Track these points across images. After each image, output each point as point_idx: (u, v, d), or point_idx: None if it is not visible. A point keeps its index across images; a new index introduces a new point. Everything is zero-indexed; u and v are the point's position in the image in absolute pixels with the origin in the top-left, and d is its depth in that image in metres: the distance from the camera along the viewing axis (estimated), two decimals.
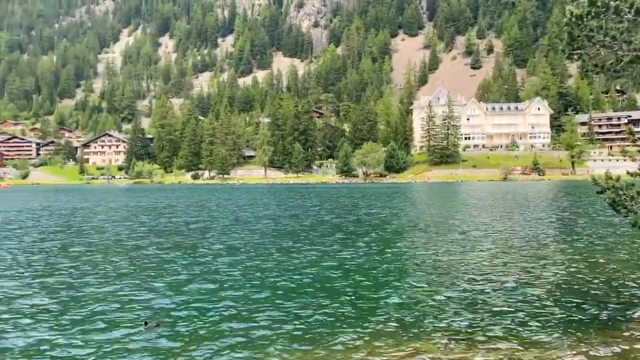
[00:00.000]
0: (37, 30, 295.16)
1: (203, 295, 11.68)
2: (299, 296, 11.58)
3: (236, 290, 12.16)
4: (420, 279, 13.16)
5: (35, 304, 11.08)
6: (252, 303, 10.99)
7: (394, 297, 11.38)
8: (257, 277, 13.55)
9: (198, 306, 10.80)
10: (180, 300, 11.25)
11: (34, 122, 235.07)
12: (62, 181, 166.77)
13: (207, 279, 13.35)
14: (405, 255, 16.93)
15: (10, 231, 25.72)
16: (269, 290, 12.07)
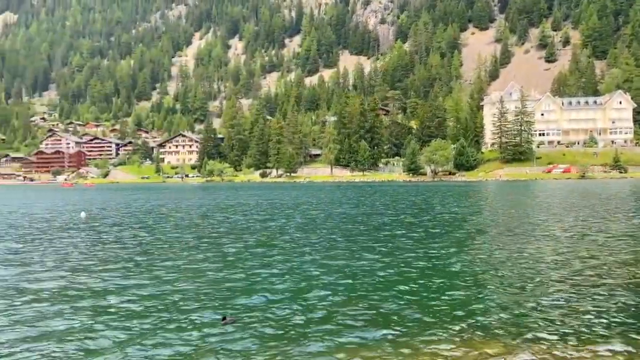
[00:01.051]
0: (115, 36, 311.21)
1: (282, 294, 11.72)
2: (380, 297, 11.37)
3: (314, 289, 12.10)
4: (507, 282, 12.61)
5: (115, 297, 11.54)
6: (330, 302, 10.92)
7: (482, 299, 10.96)
8: (335, 277, 13.43)
9: (276, 304, 10.84)
10: (258, 297, 11.35)
11: (113, 124, 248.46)
12: (140, 179, 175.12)
13: (286, 277, 13.38)
14: (490, 257, 16.27)
15: (93, 227, 27.12)
16: (347, 290, 11.95)
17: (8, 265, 15.68)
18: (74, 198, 63.72)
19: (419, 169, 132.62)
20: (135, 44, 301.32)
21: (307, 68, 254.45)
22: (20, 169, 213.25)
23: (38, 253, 17.96)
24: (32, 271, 14.56)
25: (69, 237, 22.69)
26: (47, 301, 11.23)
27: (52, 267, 15.27)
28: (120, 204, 49.13)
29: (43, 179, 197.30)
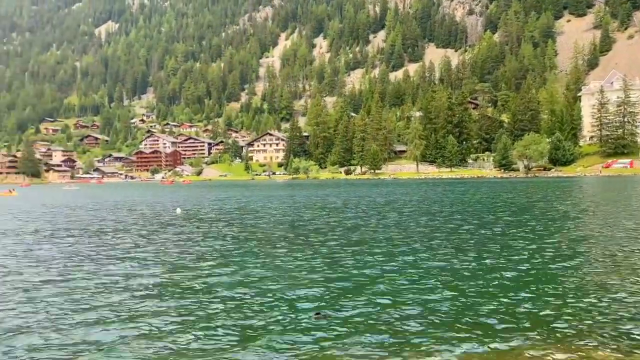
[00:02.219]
0: (207, 39, 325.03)
1: (381, 294, 11.42)
2: (485, 299, 10.77)
3: (414, 288, 11.70)
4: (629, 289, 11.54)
5: (206, 291, 11.78)
6: (429, 303, 10.49)
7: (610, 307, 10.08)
8: (437, 278, 12.89)
9: (373, 303, 10.58)
10: (355, 295, 11.14)
11: (206, 124, 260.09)
12: (230, 177, 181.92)
13: (385, 276, 13.05)
14: (610, 260, 15.05)
15: (189, 223, 28.25)
16: (449, 291, 11.44)
17: (107, 260, 16.58)
18: (172, 194, 67.24)
19: (511, 164, 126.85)
20: (225, 46, 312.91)
21: (392, 63, 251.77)
22: (122, 168, 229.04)
23: (135, 248, 18.90)
24: (129, 267, 15.29)
25: (164, 232, 23.76)
26: (145, 297, 11.66)
27: (149, 263, 15.92)
28: (213, 200, 51.08)
29: (143, 177, 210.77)
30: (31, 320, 9.68)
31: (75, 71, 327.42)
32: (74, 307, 10.51)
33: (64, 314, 10.04)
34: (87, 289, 12.02)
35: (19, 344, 8.37)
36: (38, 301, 10.99)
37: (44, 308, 10.45)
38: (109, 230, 24.52)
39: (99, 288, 12.16)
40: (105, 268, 14.63)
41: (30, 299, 11.23)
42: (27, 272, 14.28)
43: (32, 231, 25.00)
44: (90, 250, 18.19)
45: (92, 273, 13.93)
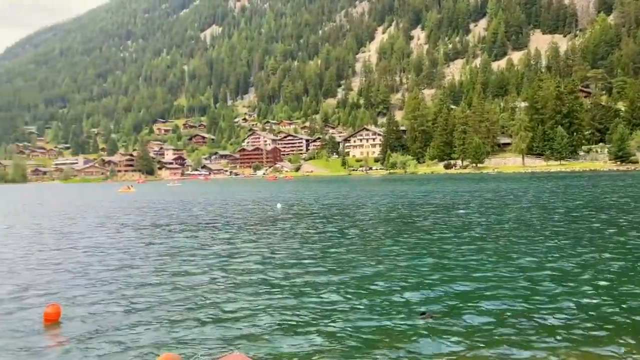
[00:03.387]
0: (304, 38, 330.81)
1: (490, 298, 10.92)
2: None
3: (533, 289, 11.07)
4: None
5: (309, 287, 11.85)
6: (555, 306, 9.84)
7: None
8: (558, 280, 12.11)
9: (482, 303, 10.12)
10: (465, 295, 10.73)
11: (303, 121, 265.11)
12: (327, 172, 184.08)
13: (500, 276, 12.50)
14: None
15: (289, 218, 28.83)
16: (573, 294, 10.67)
17: (210, 254, 17.27)
18: (275, 190, 69.29)
19: (629, 156, 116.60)
20: (322, 43, 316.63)
21: (494, 52, 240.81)
22: (227, 165, 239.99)
23: (238, 242, 19.57)
24: (232, 262, 15.81)
25: (264, 227, 24.41)
26: (251, 294, 11.98)
27: (255, 259, 16.37)
28: (313, 195, 51.87)
29: (245, 173, 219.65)
30: (151, 312, 10.27)
31: (184, 74, 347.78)
32: (191, 302, 11.02)
33: (180, 307, 10.56)
34: (202, 285, 12.58)
35: (142, 336, 8.88)
36: (152, 294, 11.67)
37: (162, 300, 11.05)
38: (218, 225, 25.65)
39: (214, 283, 12.68)
40: (215, 262, 15.25)
41: (147, 293, 11.95)
42: (144, 265, 15.24)
43: (149, 225, 26.79)
44: (201, 244, 19.08)
45: (202, 267, 14.57)
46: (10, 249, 19.62)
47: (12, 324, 9.66)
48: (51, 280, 13.44)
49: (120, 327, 9.30)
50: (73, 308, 10.57)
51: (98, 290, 12.11)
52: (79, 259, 16.52)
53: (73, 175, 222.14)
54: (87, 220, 31.20)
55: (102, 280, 13.16)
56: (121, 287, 12.35)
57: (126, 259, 16.22)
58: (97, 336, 8.87)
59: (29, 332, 9.20)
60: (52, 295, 11.64)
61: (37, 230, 26.60)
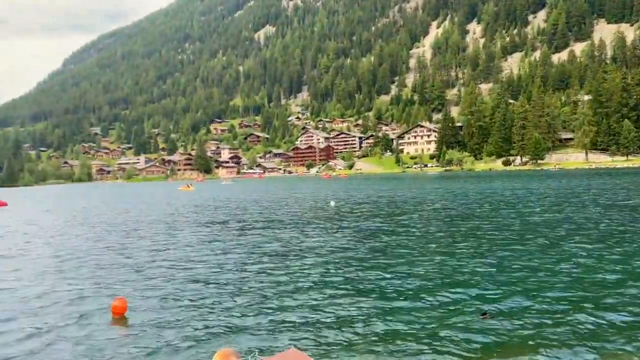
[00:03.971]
0: (357, 35, 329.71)
1: (557, 298, 10.55)
2: None
3: (596, 289, 10.63)
4: None
5: (365, 284, 11.80)
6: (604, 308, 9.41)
7: None
8: (629, 283, 11.58)
9: (544, 304, 9.79)
10: (527, 295, 10.42)
11: (356, 119, 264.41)
12: (381, 170, 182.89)
13: (564, 277, 12.08)
14: None
15: (342, 216, 28.83)
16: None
17: (267, 251, 17.49)
18: (328, 187, 69.57)
19: None
20: (375, 40, 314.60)
21: (555, 44, 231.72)
22: (280, 163, 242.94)
23: (294, 239, 19.75)
24: (287, 259, 15.96)
25: (318, 224, 24.52)
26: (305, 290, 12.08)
27: (307, 256, 16.47)
28: (366, 192, 51.69)
29: (299, 171, 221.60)
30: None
31: (239, 75, 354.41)
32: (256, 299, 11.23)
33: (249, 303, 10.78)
34: (260, 281, 12.80)
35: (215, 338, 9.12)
36: (212, 290, 11.98)
37: (222, 296, 11.33)
38: (274, 221, 26.01)
39: (272, 280, 12.87)
40: (272, 259, 15.47)
41: (208, 289, 12.28)
42: (206, 261, 15.65)
43: (209, 222, 27.50)
44: (258, 241, 19.40)
45: (260, 264, 14.81)
46: (81, 243, 20.63)
47: (82, 317, 10.15)
48: (118, 274, 14.04)
49: (182, 321, 9.59)
50: (138, 302, 11.00)
51: (162, 285, 12.54)
52: (144, 254, 17.16)
53: (135, 175, 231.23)
54: (151, 218, 32.37)
55: (166, 275, 13.62)
56: (184, 282, 12.73)
57: (189, 255, 16.71)
58: (160, 329, 9.19)
59: (98, 324, 9.64)
60: (119, 289, 12.16)
61: (105, 227, 27.84)
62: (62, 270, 14.96)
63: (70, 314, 10.36)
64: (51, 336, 9.04)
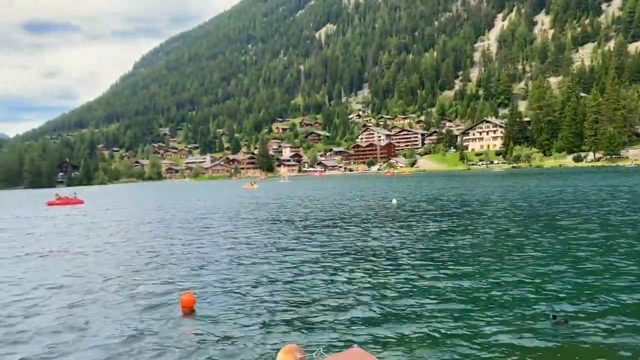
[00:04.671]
0: (419, 30, 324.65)
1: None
2: None
3: None
4: None
5: (428, 283, 11.56)
6: None
7: None
8: None
9: (622, 309, 9.26)
10: (604, 299, 9.90)
11: (419, 115, 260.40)
12: (444, 167, 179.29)
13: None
14: None
15: (405, 214, 28.45)
16: None
17: (332, 249, 17.49)
18: (390, 185, 68.99)
19: None
20: (438, 35, 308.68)
21: (631, 33, 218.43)
22: (341, 161, 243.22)
23: (355, 238, 19.68)
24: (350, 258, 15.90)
25: (379, 222, 24.31)
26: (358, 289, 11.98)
27: (370, 255, 16.37)
28: (430, 190, 50.81)
29: (360, 169, 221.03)
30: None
31: (300, 74, 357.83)
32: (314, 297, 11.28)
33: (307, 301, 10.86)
34: (325, 279, 12.84)
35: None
36: (278, 287, 12.13)
37: (288, 293, 11.45)
38: (336, 219, 26.06)
39: (336, 278, 12.89)
40: (336, 257, 15.49)
41: (274, 286, 12.45)
42: (271, 258, 15.89)
43: (274, 219, 27.93)
44: (322, 238, 19.48)
45: (324, 261, 14.85)
46: (153, 239, 21.50)
47: (153, 310, 10.55)
48: (188, 269, 14.51)
49: (248, 316, 9.77)
50: (206, 296, 11.31)
51: (229, 281, 12.85)
52: (213, 251, 17.65)
53: (201, 173, 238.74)
54: (220, 215, 33.27)
55: (234, 271, 13.94)
56: (250, 279, 12.97)
57: (256, 252, 17.02)
58: (227, 324, 9.40)
59: (168, 318, 9.99)
60: (188, 284, 12.56)
61: (176, 224, 28.88)
62: (134, 265, 15.63)
63: (142, 306, 10.80)
64: (122, 328, 9.44)
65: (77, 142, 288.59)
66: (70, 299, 11.62)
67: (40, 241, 22.91)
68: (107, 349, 8.49)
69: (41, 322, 9.99)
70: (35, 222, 34.32)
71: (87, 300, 11.47)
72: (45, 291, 12.55)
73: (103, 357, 8.15)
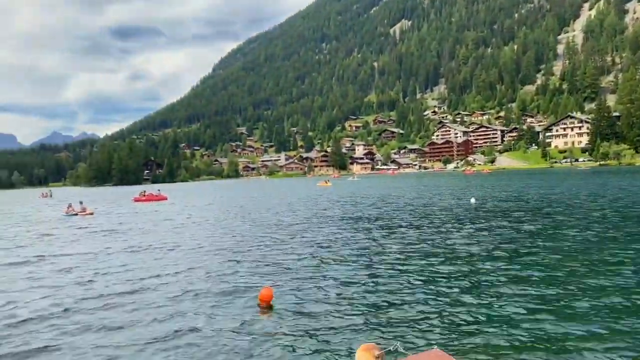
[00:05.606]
0: (498, 23, 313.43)
1: None
2: None
3: None
4: None
5: (511, 284, 11.04)
6: None
7: None
8: None
9: None
10: None
11: (498, 111, 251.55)
12: (525, 165, 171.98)
13: None
14: None
15: (485, 215, 27.49)
16: None
17: (410, 249, 17.19)
18: (469, 184, 67.12)
19: None
20: (518, 27, 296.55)
21: None
22: (415, 159, 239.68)
23: (433, 238, 19.24)
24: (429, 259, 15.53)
25: (457, 222, 23.61)
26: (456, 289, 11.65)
27: (448, 254, 15.95)
28: (511, 188, 48.88)
29: (435, 167, 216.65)
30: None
31: (374, 71, 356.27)
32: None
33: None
34: (403, 279, 12.64)
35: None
36: (356, 286, 12.05)
37: (364, 293, 11.36)
38: (412, 218, 25.65)
39: (414, 277, 12.65)
40: (412, 256, 15.21)
41: (352, 284, 12.40)
42: (351, 257, 15.86)
43: (351, 217, 27.92)
44: (399, 238, 19.22)
45: (401, 261, 14.62)
46: (231, 235, 22.12)
47: (231, 304, 10.78)
48: (266, 265, 14.75)
49: (325, 314, 9.75)
50: (284, 292, 11.43)
51: (307, 278, 12.91)
52: (293, 248, 17.83)
53: (276, 171, 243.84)
54: (299, 212, 33.71)
55: (312, 269, 14.00)
56: (328, 276, 12.97)
57: (335, 251, 17.00)
58: (304, 320, 9.43)
59: (246, 313, 10.17)
60: (266, 280, 12.76)
61: (255, 220, 29.58)
62: (213, 259, 16.11)
63: (220, 301, 11.07)
64: (200, 322, 9.69)
65: (161, 142, 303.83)
66: (157, 294, 12.09)
67: (127, 237, 24.19)
68: (181, 340, 8.72)
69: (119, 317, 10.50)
70: (126, 219, 36.31)
71: (164, 295, 11.90)
72: (125, 286, 13.15)
73: (180, 348, 8.39)
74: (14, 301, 11.59)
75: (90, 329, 9.51)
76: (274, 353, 8.01)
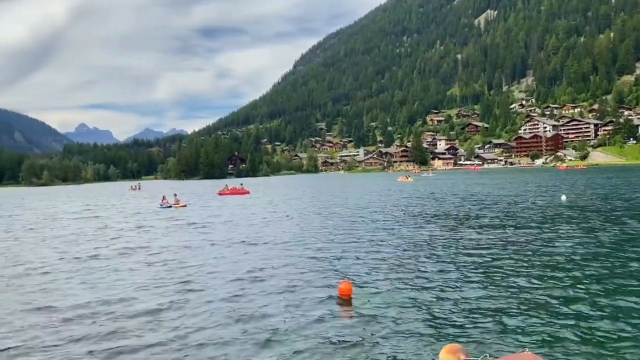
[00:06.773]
0: (592, 10, 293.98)
1: None
2: None
3: None
4: None
5: (601, 288, 10.31)
6: None
7: None
8: None
9: None
10: None
11: (591, 103, 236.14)
12: (622, 161, 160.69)
13: None
14: None
15: (575, 213, 26.02)
16: None
17: (496, 248, 16.57)
18: (561, 180, 63.84)
19: None
20: (616, 14, 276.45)
21: None
22: (501, 154, 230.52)
23: (519, 237, 18.43)
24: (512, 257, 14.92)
25: (547, 222, 22.48)
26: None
27: (538, 253, 15.29)
28: (605, 185, 45.87)
29: (522, 162, 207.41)
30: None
31: (457, 63, 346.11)
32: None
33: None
34: (489, 279, 12.22)
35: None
36: (436, 284, 11.77)
37: (446, 292, 11.08)
38: (497, 215, 24.77)
39: (502, 278, 12.21)
40: (499, 256, 14.67)
41: (432, 282, 12.14)
42: (433, 254, 15.55)
43: (433, 214, 27.43)
44: (485, 237, 18.61)
45: (486, 261, 14.14)
46: (312, 228, 22.38)
47: (311, 297, 10.87)
48: (346, 259, 14.78)
49: (407, 310, 9.59)
50: (364, 287, 11.37)
51: (387, 273, 12.81)
52: (374, 244, 17.75)
53: (355, 166, 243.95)
54: (380, 208, 33.57)
55: (393, 264, 13.90)
56: (410, 273, 12.82)
57: (418, 248, 16.76)
58: (385, 315, 9.32)
59: (325, 305, 10.21)
60: (346, 273, 12.76)
61: (336, 214, 29.80)
62: (294, 252, 16.36)
63: (300, 292, 11.20)
64: (281, 315, 9.81)
65: (244, 137, 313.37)
66: (236, 286, 12.40)
67: (219, 230, 25.16)
68: (261, 335, 8.85)
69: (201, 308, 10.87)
70: (214, 212, 37.80)
71: (243, 285, 12.18)
72: (212, 281, 13.61)
73: (257, 339, 8.53)
74: (132, 297, 11.76)
75: (190, 327, 9.95)
76: (353, 348, 7.95)
